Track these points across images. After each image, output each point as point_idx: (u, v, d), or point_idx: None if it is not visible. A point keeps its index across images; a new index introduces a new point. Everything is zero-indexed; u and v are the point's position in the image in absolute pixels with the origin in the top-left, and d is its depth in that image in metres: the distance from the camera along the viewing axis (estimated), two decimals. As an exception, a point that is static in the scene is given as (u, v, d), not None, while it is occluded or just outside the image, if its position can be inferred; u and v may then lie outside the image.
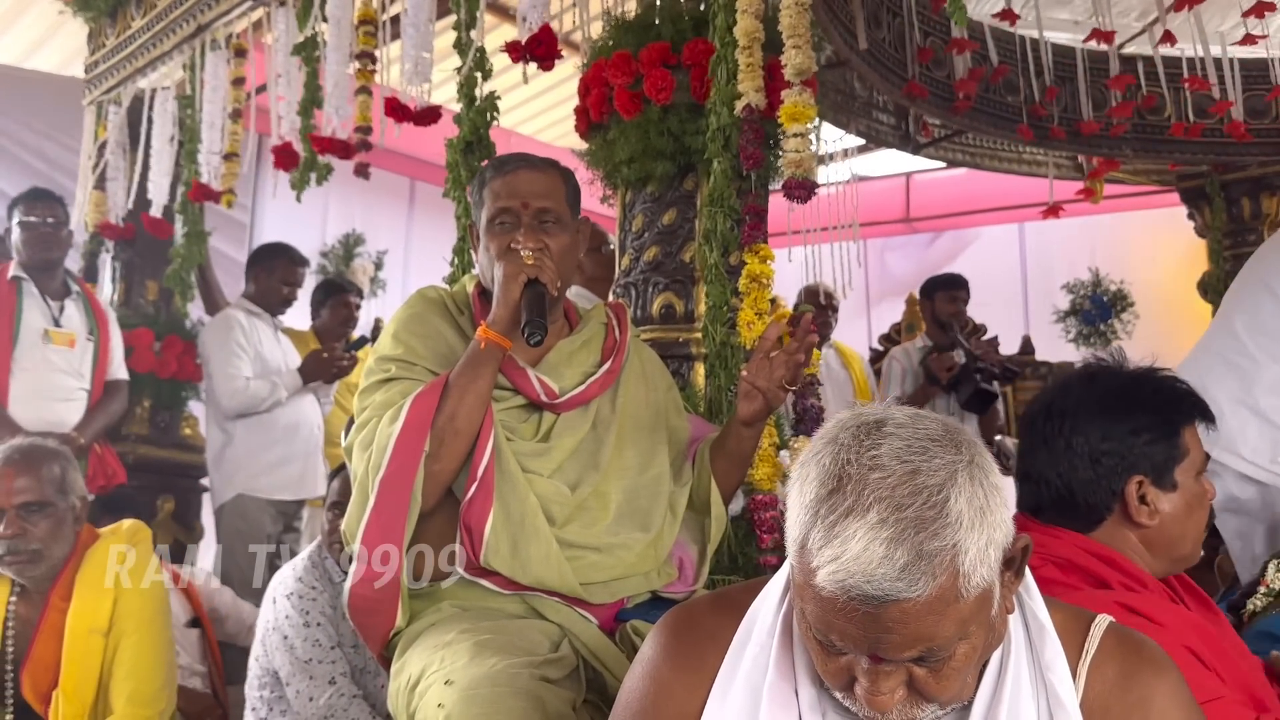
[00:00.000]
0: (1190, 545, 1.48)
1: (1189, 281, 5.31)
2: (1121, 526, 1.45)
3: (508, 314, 1.67)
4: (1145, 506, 1.44)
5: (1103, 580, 1.39)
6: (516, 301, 1.66)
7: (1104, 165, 5.02)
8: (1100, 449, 1.44)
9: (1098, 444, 1.44)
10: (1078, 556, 1.42)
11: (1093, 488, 1.44)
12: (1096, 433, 1.44)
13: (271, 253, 4.25)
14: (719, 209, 2.37)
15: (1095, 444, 1.44)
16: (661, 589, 1.76)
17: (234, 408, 3.86)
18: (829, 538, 0.94)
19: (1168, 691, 1.05)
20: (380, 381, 1.73)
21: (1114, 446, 1.43)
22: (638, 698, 1.15)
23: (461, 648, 1.49)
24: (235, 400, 3.85)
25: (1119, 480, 1.43)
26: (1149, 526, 1.44)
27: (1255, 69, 4.22)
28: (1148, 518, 1.44)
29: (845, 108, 4.52)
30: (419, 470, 1.62)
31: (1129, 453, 1.43)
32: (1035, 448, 1.50)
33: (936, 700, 0.99)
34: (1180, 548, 1.47)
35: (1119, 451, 1.43)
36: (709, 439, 1.90)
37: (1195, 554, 1.51)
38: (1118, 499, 1.44)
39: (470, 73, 2.81)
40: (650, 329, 2.56)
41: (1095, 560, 1.41)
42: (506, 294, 1.67)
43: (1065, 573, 1.41)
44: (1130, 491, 1.43)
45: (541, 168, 1.83)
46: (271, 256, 4.21)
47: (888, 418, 0.99)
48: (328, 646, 2.59)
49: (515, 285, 1.67)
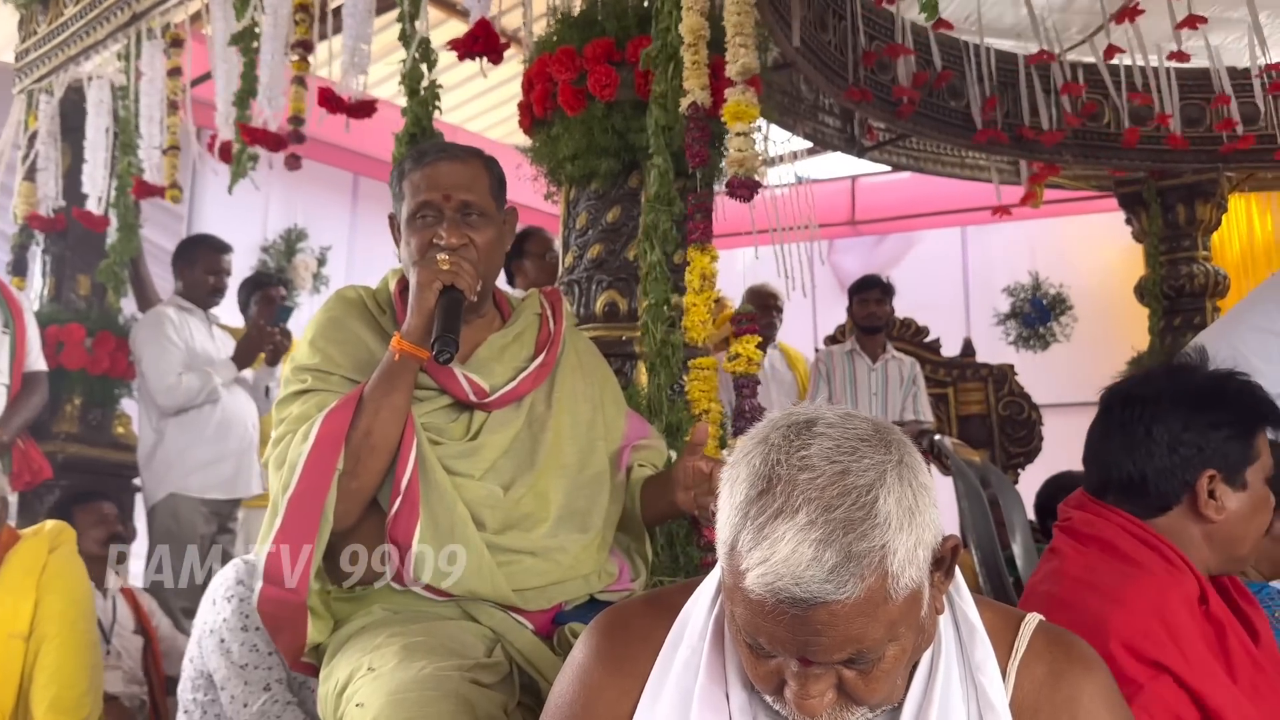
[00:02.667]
0: (1248, 547, 1.52)
1: (1126, 285, 5.42)
2: (1185, 518, 1.48)
3: (422, 324, 1.60)
4: (1214, 501, 1.47)
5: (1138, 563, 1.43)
6: (431, 310, 1.60)
7: (1044, 170, 5.10)
8: (1180, 438, 1.47)
9: (1178, 433, 1.47)
10: (1119, 537, 1.47)
11: (1167, 476, 1.48)
12: (1178, 423, 1.47)
13: (191, 245, 4.17)
14: (662, 207, 2.35)
15: (1176, 433, 1.47)
16: (600, 591, 1.72)
17: (171, 405, 3.78)
18: (758, 540, 0.93)
19: (1095, 690, 1.05)
20: (296, 393, 1.66)
21: (1193, 438, 1.47)
22: (567, 702, 1.13)
23: (390, 651, 1.45)
24: (171, 397, 3.76)
25: (1194, 472, 1.47)
26: (1214, 522, 1.47)
27: (1191, 78, 4.32)
28: (1215, 513, 1.47)
29: (792, 110, 4.55)
30: (331, 490, 1.55)
31: (1207, 446, 1.47)
32: (1110, 432, 1.54)
33: (866, 703, 0.98)
34: (1239, 548, 1.51)
35: (1197, 443, 1.47)
36: (641, 468, 1.84)
37: (1251, 557, 1.56)
38: (1188, 490, 1.47)
39: (414, 64, 2.77)
40: (593, 327, 2.54)
41: (1139, 544, 1.45)
42: (421, 303, 1.60)
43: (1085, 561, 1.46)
44: (1202, 485, 1.47)
45: (462, 157, 1.74)
46: (192, 249, 4.12)
47: (818, 417, 0.98)
48: (265, 652, 2.53)
49: (430, 293, 1.60)
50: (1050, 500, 3.94)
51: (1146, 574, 1.42)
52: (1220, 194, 4.93)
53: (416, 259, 1.66)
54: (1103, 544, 1.48)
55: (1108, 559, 1.46)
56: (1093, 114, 4.49)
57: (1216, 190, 4.89)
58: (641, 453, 1.85)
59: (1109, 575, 1.44)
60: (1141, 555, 1.45)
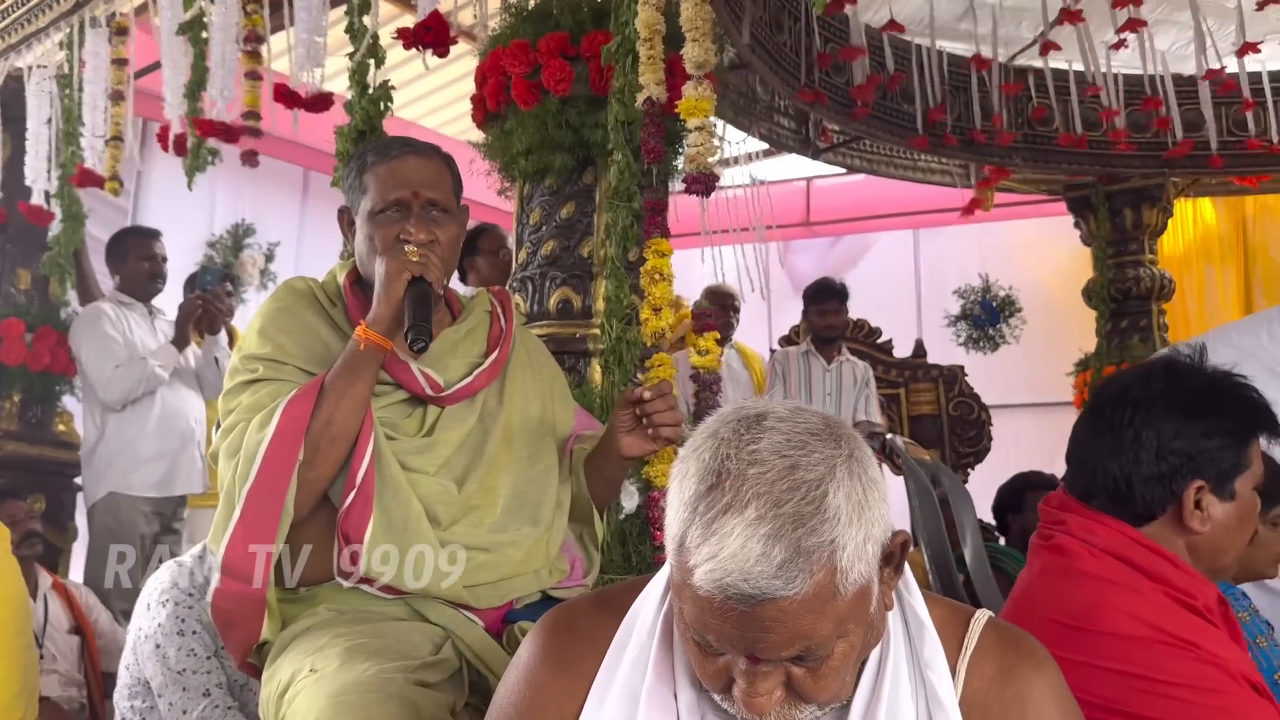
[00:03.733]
0: (1231, 557, 1.46)
1: (1074, 288, 5.51)
2: (1169, 528, 1.41)
3: (390, 314, 1.58)
4: (1199, 513, 1.40)
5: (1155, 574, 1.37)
6: (400, 301, 1.58)
7: (995, 174, 5.17)
8: (1170, 446, 1.39)
9: (1169, 441, 1.39)
10: (1127, 549, 1.39)
11: (1153, 485, 1.40)
12: (1169, 429, 1.40)
13: (118, 238, 4.06)
14: (621, 203, 2.34)
15: (1166, 440, 1.40)
16: (552, 588, 1.71)
17: (113, 398, 3.70)
18: (706, 535, 0.91)
19: (1045, 688, 1.05)
20: (247, 382, 1.62)
21: (1184, 446, 1.39)
22: (512, 702, 1.11)
23: (334, 652, 1.42)
24: (110, 390, 3.69)
25: (1181, 482, 1.40)
26: (1199, 533, 1.41)
27: (1138, 84, 4.40)
28: (1199, 524, 1.40)
29: (748, 111, 4.56)
30: (292, 480, 1.52)
31: (1198, 455, 1.39)
32: (1099, 433, 1.46)
33: (815, 700, 0.97)
34: (1222, 559, 1.45)
35: (1188, 452, 1.39)
36: (581, 450, 1.83)
37: (1234, 567, 1.51)
38: (1175, 500, 1.40)
39: (362, 60, 2.73)
40: (547, 324, 2.53)
41: (1145, 552, 1.38)
42: (389, 293, 1.58)
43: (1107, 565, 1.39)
44: (1188, 496, 1.39)
45: (428, 154, 1.73)
46: (120, 241, 4.02)
47: (769, 411, 0.97)
48: (203, 656, 2.48)
49: (399, 284, 1.58)
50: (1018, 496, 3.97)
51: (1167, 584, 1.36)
52: (1166, 198, 5.02)
53: (382, 252, 1.64)
54: (1114, 555, 1.40)
55: (1124, 568, 1.39)
56: (1042, 118, 4.56)
57: (1162, 195, 4.99)
58: (585, 442, 1.84)
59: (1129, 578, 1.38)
60: (1158, 568, 1.38)
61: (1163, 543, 1.41)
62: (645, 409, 1.64)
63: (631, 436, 1.68)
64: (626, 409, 1.67)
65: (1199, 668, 1.30)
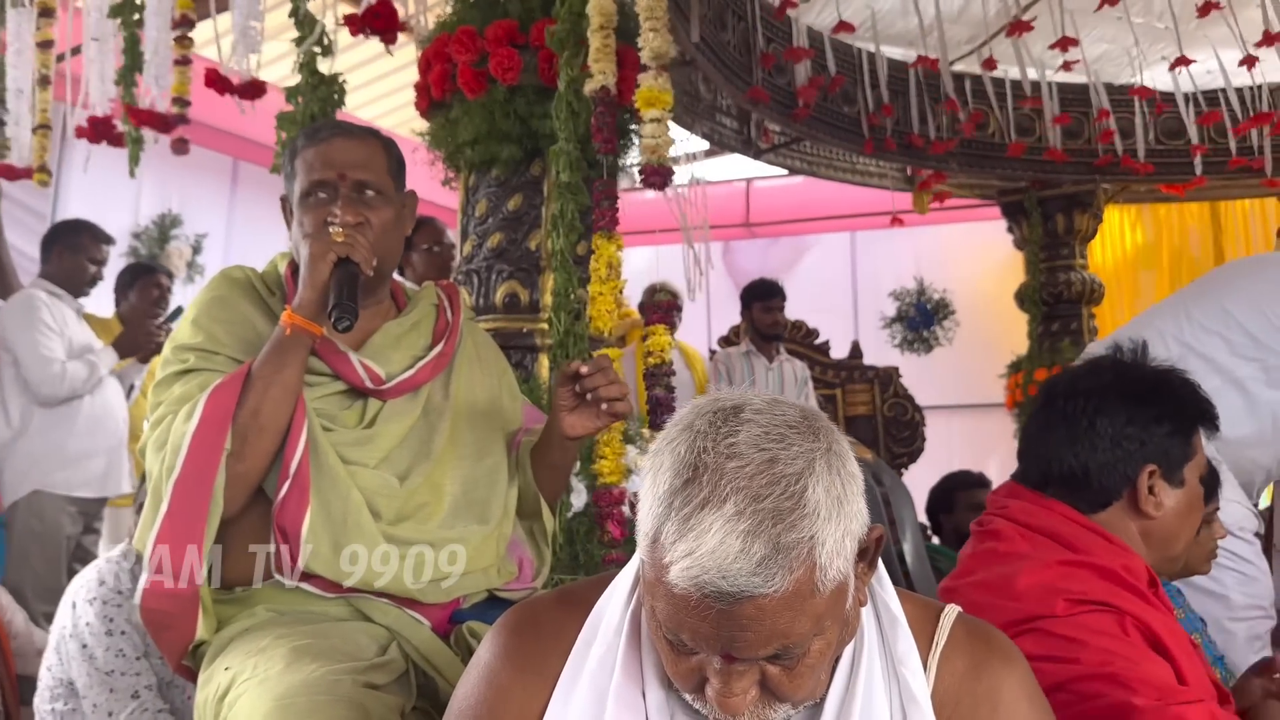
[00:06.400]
0: (1182, 546, 1.54)
1: (1007, 291, 5.61)
2: (1125, 514, 1.49)
3: (315, 296, 1.53)
4: (1153, 497, 1.48)
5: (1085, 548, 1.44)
6: (325, 283, 1.53)
7: (931, 178, 5.24)
8: (1124, 432, 1.47)
9: (1122, 427, 1.47)
10: (1063, 526, 1.47)
11: (1109, 470, 1.48)
12: (1121, 416, 1.48)
13: (74, 229, 3.94)
14: (568, 193, 2.31)
15: (1119, 427, 1.47)
16: (500, 588, 1.67)
17: (54, 394, 3.57)
18: (683, 531, 0.89)
19: (1015, 682, 1.04)
20: (177, 373, 1.56)
21: (1136, 432, 1.47)
22: (473, 704, 1.07)
23: (277, 654, 1.36)
24: (54, 386, 3.56)
25: (1135, 466, 1.47)
26: (1153, 518, 1.49)
27: (1072, 92, 4.49)
28: (1154, 509, 1.48)
29: (690, 109, 4.55)
30: (219, 470, 1.47)
31: (1150, 440, 1.47)
32: (1053, 425, 1.52)
33: (790, 700, 0.95)
34: (1174, 546, 1.52)
35: (1140, 438, 1.47)
36: (528, 442, 1.79)
37: (1183, 558, 1.57)
38: (1129, 485, 1.48)
39: (311, 56, 2.65)
40: (493, 318, 2.48)
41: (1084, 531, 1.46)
42: (314, 275, 1.53)
43: (1033, 543, 1.46)
44: (1143, 480, 1.47)
45: (359, 135, 1.68)
46: (75, 233, 3.90)
47: (745, 403, 0.95)
48: (132, 657, 2.40)
49: (324, 265, 1.53)
50: (949, 496, 4.03)
51: (1093, 557, 1.44)
52: (1097, 205, 5.14)
53: (308, 235, 1.59)
54: (1046, 532, 1.48)
55: (1053, 544, 1.47)
56: (979, 124, 4.63)
57: (1094, 201, 5.10)
58: (532, 435, 1.80)
59: (1055, 553, 1.45)
60: (1086, 542, 1.45)
61: (1118, 529, 1.49)
62: (585, 384, 1.60)
63: (574, 415, 1.63)
64: (565, 386, 1.62)
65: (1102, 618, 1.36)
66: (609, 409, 1.61)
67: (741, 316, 5.23)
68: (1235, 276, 2.59)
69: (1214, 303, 2.46)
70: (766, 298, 5.00)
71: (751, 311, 5.04)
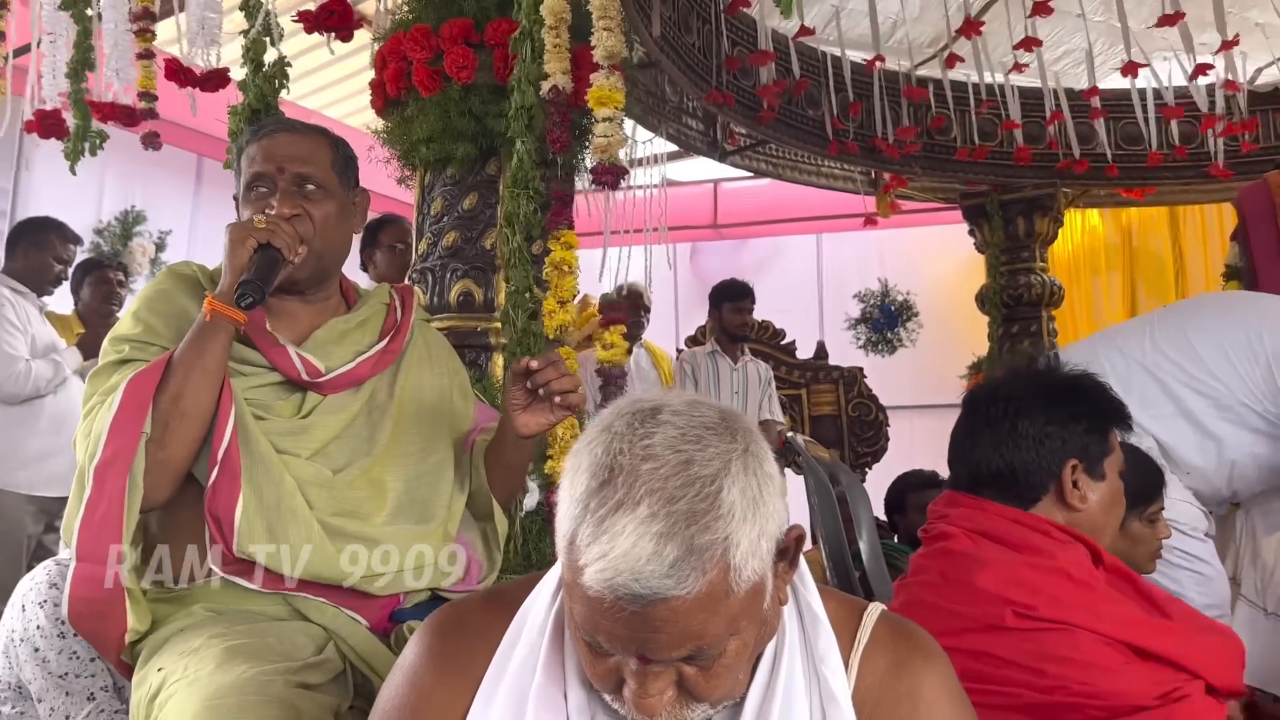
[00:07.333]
0: (1108, 538, 1.62)
1: (968, 294, 5.65)
2: (1054, 508, 1.58)
3: (235, 282, 1.51)
4: (1077, 490, 1.57)
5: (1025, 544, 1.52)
6: (243, 268, 1.52)
7: (895, 182, 5.27)
8: (1045, 431, 1.57)
9: (1042, 426, 1.58)
10: (999, 525, 1.55)
11: (1034, 467, 1.57)
12: (1041, 416, 1.58)
13: (42, 227, 3.91)
14: (522, 192, 2.30)
15: (1040, 426, 1.58)
16: (444, 589, 1.66)
17: (18, 392, 3.54)
18: (598, 534, 0.88)
19: (935, 680, 1.05)
20: (113, 364, 1.55)
21: (1056, 430, 1.57)
22: (395, 706, 1.06)
23: (209, 654, 1.35)
24: (20, 384, 3.53)
25: (1058, 462, 1.57)
26: (1079, 510, 1.58)
27: (1033, 97, 4.53)
28: (1079, 501, 1.58)
29: (656, 111, 4.56)
30: (137, 455, 1.45)
31: (1070, 437, 1.58)
32: (978, 430, 1.63)
33: (707, 699, 0.95)
34: (1100, 539, 1.59)
35: (1060, 435, 1.57)
36: (482, 441, 1.78)
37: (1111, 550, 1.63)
38: (1054, 480, 1.57)
39: (257, 36, 2.63)
40: (447, 317, 2.47)
41: (1021, 528, 1.54)
42: (233, 260, 1.52)
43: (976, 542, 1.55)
44: (1066, 474, 1.57)
45: (303, 130, 1.69)
46: (43, 231, 3.87)
47: (664, 404, 0.95)
48: (87, 659, 2.35)
49: (242, 250, 1.52)
50: (900, 497, 4.05)
51: (1034, 552, 1.51)
52: (1057, 209, 5.19)
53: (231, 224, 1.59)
54: (988, 535, 1.56)
55: (997, 546, 1.54)
56: (941, 128, 4.66)
57: (1054, 205, 5.15)
58: (487, 434, 1.80)
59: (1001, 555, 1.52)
60: (1026, 538, 1.53)
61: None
62: (537, 379, 1.59)
63: (528, 413, 1.62)
64: (517, 383, 1.61)
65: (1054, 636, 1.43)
66: (562, 401, 1.60)
67: (709, 316, 5.24)
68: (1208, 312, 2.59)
69: (1179, 332, 2.49)
70: (737, 298, 5.01)
71: (721, 311, 5.05)
